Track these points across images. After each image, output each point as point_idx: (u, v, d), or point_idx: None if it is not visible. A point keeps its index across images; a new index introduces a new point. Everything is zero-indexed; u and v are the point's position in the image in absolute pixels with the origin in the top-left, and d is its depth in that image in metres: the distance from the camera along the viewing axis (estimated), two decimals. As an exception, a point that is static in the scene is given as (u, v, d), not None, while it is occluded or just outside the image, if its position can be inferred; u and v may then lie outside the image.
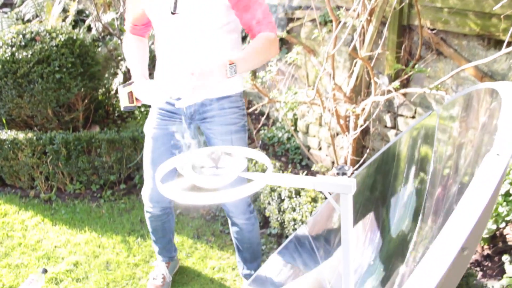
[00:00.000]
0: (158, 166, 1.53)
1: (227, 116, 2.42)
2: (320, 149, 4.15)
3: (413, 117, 3.35)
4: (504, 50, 2.36)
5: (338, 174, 1.34)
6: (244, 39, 3.80)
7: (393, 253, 1.90)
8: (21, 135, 3.80)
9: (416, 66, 2.98)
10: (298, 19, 4.04)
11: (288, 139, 4.44)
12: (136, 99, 2.21)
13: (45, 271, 2.89)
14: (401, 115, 3.44)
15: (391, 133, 3.55)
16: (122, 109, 2.24)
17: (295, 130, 4.36)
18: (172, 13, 2.15)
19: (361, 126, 3.15)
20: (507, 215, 2.50)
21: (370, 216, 2.27)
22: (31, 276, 2.86)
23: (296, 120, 4.35)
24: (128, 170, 3.95)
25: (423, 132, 2.15)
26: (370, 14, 2.92)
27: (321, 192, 3.36)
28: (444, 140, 1.97)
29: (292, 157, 4.29)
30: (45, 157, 3.83)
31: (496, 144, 1.30)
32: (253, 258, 2.85)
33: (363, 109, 3.09)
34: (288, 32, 4.12)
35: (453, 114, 2.03)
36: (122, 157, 3.89)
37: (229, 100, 2.40)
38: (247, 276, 2.85)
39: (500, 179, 1.21)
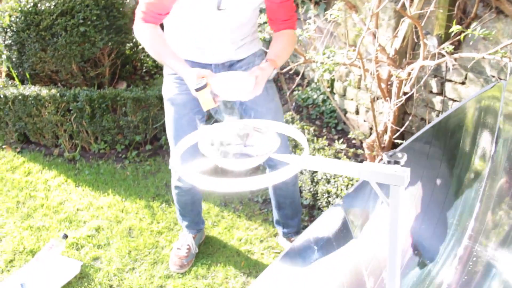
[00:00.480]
0: (184, 135, 1.36)
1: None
2: (357, 113, 3.88)
3: (463, 83, 3.05)
4: None
5: (389, 162, 1.10)
6: None
7: (444, 245, 1.67)
8: (44, 91, 3.65)
9: (472, 26, 2.65)
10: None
11: (324, 101, 4.18)
12: (215, 95, 1.99)
13: (65, 236, 2.78)
14: (450, 80, 3.13)
15: (436, 100, 3.25)
16: (205, 110, 2.00)
17: (331, 92, 4.08)
18: (218, 9, 2.10)
19: (406, 94, 2.87)
20: None
21: (418, 192, 2.03)
22: (52, 241, 2.75)
23: (332, 81, 4.07)
24: (154, 130, 3.78)
25: (484, 106, 1.88)
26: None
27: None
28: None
29: (327, 121, 4.03)
30: (69, 115, 3.68)
31: None
32: (294, 213, 2.78)
33: (409, 74, 2.80)
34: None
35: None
36: (148, 116, 3.71)
37: (253, 55, 2.40)
38: (289, 235, 2.77)
39: None
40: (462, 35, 2.31)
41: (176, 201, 2.70)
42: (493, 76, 2.87)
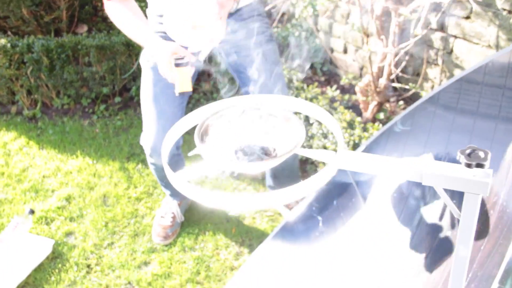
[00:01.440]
0: (163, 104, 1.05)
1: (250, 26, 1.90)
2: (345, 52, 3.55)
3: (468, 17, 2.73)
4: None
5: (469, 165, 0.80)
6: None
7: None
8: (-7, 42, 3.20)
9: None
10: None
11: (307, 39, 3.82)
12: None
13: (32, 211, 2.46)
14: (452, 14, 2.81)
15: (436, 37, 2.94)
16: (177, 94, 1.70)
17: (317, 30, 3.72)
18: None
19: (416, 36, 2.55)
20: None
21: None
22: (16, 218, 2.43)
23: (316, 17, 3.70)
24: (123, 81, 3.39)
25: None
26: None
27: (372, 121, 2.83)
28: None
29: (312, 61, 3.70)
30: (25, 68, 3.24)
31: None
32: (291, 182, 2.44)
33: (413, 11, 2.47)
34: None
35: None
36: (115, 66, 3.30)
37: (248, 8, 1.98)
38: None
39: None
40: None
41: (155, 175, 2.39)
42: (504, 9, 2.56)
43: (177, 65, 1.63)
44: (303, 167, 2.80)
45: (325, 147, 2.51)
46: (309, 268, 1.85)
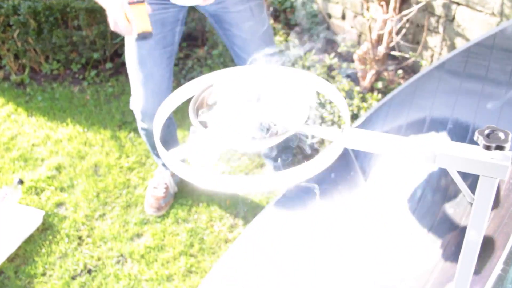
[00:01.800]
0: (150, 67, 0.97)
1: None
2: (343, 18, 3.44)
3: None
4: None
5: (488, 147, 0.74)
6: None
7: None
8: (-23, 4, 3.07)
9: None
10: None
11: (304, 3, 3.70)
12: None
13: (21, 182, 2.39)
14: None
15: (437, 3, 2.84)
16: (136, 37, 1.55)
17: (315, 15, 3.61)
18: None
19: (420, 3, 2.45)
20: None
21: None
22: (5, 188, 2.37)
23: (314, -19, 3.58)
24: (115, 46, 3.28)
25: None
26: None
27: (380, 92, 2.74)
28: None
29: (309, 26, 3.59)
30: (11, 31, 3.12)
31: None
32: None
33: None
34: None
35: None
36: (106, 30, 3.19)
37: None
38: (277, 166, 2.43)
39: None
40: None
41: (146, 142, 2.31)
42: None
43: (130, 3, 1.51)
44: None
45: (322, 118, 2.45)
46: (305, 241, 1.81)
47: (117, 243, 2.26)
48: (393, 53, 2.91)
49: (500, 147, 0.73)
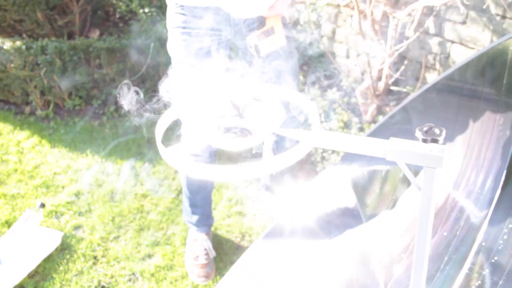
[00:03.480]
0: None
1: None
2: (347, 57, 3.64)
3: (464, 22, 2.82)
4: None
5: (425, 140, 0.90)
6: None
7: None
8: (7, 44, 3.34)
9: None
10: None
11: (311, 44, 3.92)
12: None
13: (42, 205, 2.57)
14: (449, 20, 2.90)
15: (434, 42, 3.03)
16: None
17: (320, 36, 3.83)
18: None
19: (409, 38, 2.64)
20: None
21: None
22: (28, 211, 2.55)
23: (320, 23, 3.80)
24: (133, 82, 3.51)
25: (492, 60, 1.66)
26: None
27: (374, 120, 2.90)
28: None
29: (315, 66, 3.80)
30: (39, 69, 3.38)
31: None
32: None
33: (409, 14, 2.57)
34: None
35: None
36: (125, 68, 3.43)
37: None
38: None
39: None
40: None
41: (186, 186, 2.33)
42: (498, 15, 2.64)
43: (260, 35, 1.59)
44: (303, 167, 2.89)
45: (323, 157, 2.60)
46: (298, 269, 1.88)
47: (129, 263, 2.41)
48: (392, 88, 3.08)
49: (435, 140, 0.89)
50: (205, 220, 2.42)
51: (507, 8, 2.55)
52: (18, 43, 3.36)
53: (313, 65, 3.79)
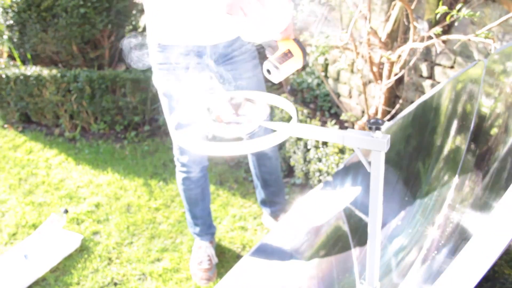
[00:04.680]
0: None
1: (247, 53, 2.31)
2: (350, 97, 3.97)
3: (452, 67, 3.14)
4: None
5: (370, 128, 1.20)
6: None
7: (423, 214, 1.78)
8: (45, 72, 3.74)
9: (462, 10, 2.74)
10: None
11: (318, 85, 4.27)
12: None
13: (66, 211, 2.87)
14: (439, 65, 3.22)
15: (426, 84, 3.35)
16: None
17: (325, 76, 4.18)
18: None
19: (396, 74, 2.97)
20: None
21: (402, 172, 2.14)
22: (53, 215, 2.86)
23: (327, 65, 4.16)
24: (153, 111, 3.87)
25: (466, 84, 1.98)
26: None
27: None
28: (492, 96, 1.80)
29: (321, 104, 4.13)
30: (70, 95, 3.76)
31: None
32: (280, 190, 2.86)
33: (399, 56, 2.89)
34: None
35: (504, 67, 1.84)
36: (146, 97, 3.80)
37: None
38: (277, 213, 2.85)
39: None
40: (448, 16, 2.40)
41: (185, 199, 2.63)
42: (480, 60, 2.96)
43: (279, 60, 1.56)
44: (303, 191, 3.17)
45: (320, 170, 2.89)
46: (284, 284, 2.06)
47: (140, 264, 2.68)
48: (387, 123, 3.38)
49: (378, 128, 1.19)
50: (207, 230, 2.70)
51: (489, 52, 2.87)
52: (54, 71, 3.75)
53: (319, 103, 4.13)
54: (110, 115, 3.84)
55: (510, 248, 2.21)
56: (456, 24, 2.97)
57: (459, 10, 2.61)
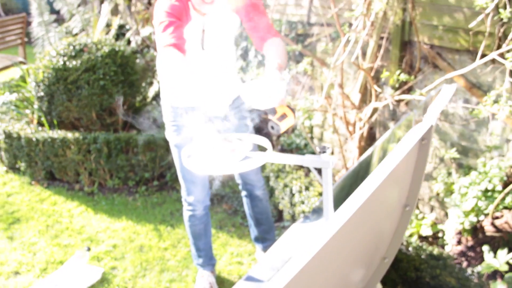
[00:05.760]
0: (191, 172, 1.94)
1: (243, 110, 2.89)
2: (332, 153, 4.56)
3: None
4: (477, 62, 2.78)
5: (320, 152, 1.77)
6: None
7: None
8: (69, 135, 4.34)
9: (418, 77, 3.39)
10: (315, 34, 4.49)
11: (305, 145, 4.86)
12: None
13: (88, 249, 3.38)
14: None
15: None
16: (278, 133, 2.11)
17: (311, 137, 4.79)
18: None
19: (361, 128, 3.57)
20: (485, 209, 2.87)
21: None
22: (78, 252, 3.37)
23: (312, 127, 4.78)
24: (161, 168, 4.44)
25: (399, 135, 2.55)
26: (370, 30, 3.37)
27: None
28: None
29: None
30: (89, 155, 4.35)
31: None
32: (270, 227, 3.32)
33: (365, 114, 3.51)
34: (305, 46, 4.57)
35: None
36: (156, 156, 4.38)
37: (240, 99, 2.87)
38: (267, 248, 3.26)
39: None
40: (409, 84, 3.03)
41: (190, 234, 3.11)
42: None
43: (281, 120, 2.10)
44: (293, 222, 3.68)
45: (303, 211, 3.43)
46: None
47: (152, 292, 3.17)
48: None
49: (323, 152, 1.76)
50: (208, 261, 3.20)
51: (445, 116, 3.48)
52: (76, 134, 4.36)
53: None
54: (124, 172, 4.41)
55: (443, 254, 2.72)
56: (414, 88, 3.60)
57: (415, 77, 3.26)
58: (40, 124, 4.72)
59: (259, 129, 2.33)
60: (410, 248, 2.93)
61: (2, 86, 5.64)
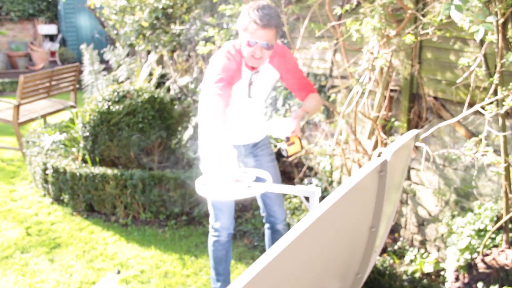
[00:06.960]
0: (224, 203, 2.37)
1: (269, 147, 3.30)
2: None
3: (423, 170, 4.03)
4: (465, 112, 3.10)
5: (307, 183, 2.12)
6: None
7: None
8: (109, 171, 4.81)
9: (425, 126, 3.70)
10: (335, 86, 4.89)
11: (326, 188, 5.18)
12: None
13: (119, 272, 3.75)
14: (413, 168, 4.13)
15: (405, 183, 4.22)
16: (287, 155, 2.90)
17: (331, 181, 5.11)
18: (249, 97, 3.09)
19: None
20: (478, 247, 3.11)
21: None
22: (109, 274, 3.74)
23: (332, 171, 5.10)
24: (190, 204, 4.84)
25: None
26: (375, 83, 3.73)
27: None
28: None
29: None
30: (126, 190, 4.79)
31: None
32: None
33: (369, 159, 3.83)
34: (328, 96, 4.97)
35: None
36: (185, 193, 4.78)
37: (267, 137, 3.34)
38: None
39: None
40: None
41: (212, 258, 3.44)
42: (441, 164, 3.86)
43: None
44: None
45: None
46: None
47: (172, 312, 3.50)
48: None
49: (311, 183, 2.10)
50: (226, 285, 3.52)
51: (445, 160, 3.77)
52: (115, 171, 4.83)
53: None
54: (156, 206, 4.82)
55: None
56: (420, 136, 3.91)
57: (422, 127, 3.56)
58: (84, 161, 5.23)
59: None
60: (405, 283, 3.18)
61: (53, 127, 6.24)
